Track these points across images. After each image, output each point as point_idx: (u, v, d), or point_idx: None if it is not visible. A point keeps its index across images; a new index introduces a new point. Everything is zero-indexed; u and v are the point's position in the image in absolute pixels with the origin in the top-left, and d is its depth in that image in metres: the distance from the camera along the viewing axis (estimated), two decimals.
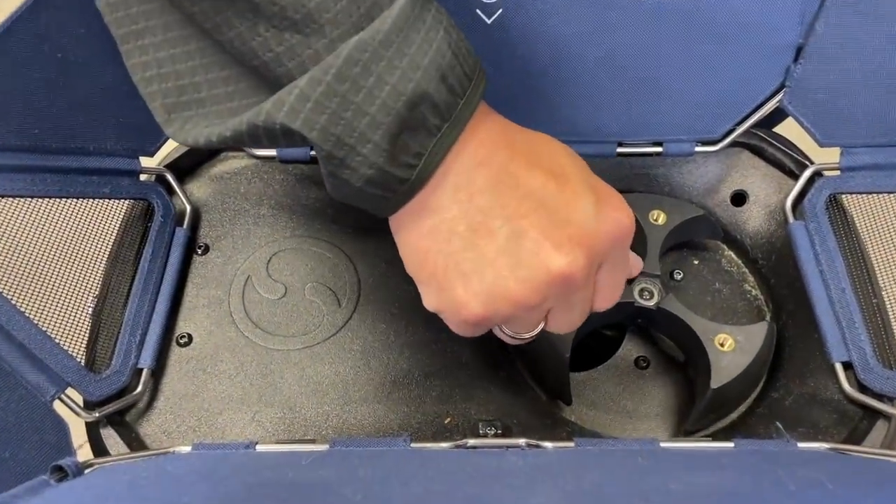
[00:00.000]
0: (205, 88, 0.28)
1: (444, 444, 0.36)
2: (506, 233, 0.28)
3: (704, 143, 0.46)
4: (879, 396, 0.38)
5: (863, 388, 0.38)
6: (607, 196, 0.30)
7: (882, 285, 0.41)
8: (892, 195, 0.43)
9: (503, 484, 0.28)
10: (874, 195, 0.43)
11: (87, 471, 0.34)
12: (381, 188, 0.28)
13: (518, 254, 0.28)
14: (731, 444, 0.34)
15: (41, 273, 0.40)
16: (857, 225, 0.43)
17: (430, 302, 0.31)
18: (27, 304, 0.38)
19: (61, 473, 0.32)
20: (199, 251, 0.45)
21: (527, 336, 0.34)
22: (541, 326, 0.33)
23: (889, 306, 0.40)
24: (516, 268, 0.28)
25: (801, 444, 0.35)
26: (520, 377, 0.43)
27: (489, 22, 0.41)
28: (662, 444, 0.34)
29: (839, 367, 0.39)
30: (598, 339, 0.47)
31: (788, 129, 0.48)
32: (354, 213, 0.30)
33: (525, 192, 0.28)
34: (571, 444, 0.35)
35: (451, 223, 0.29)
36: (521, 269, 0.28)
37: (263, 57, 0.26)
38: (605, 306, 0.33)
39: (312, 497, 0.27)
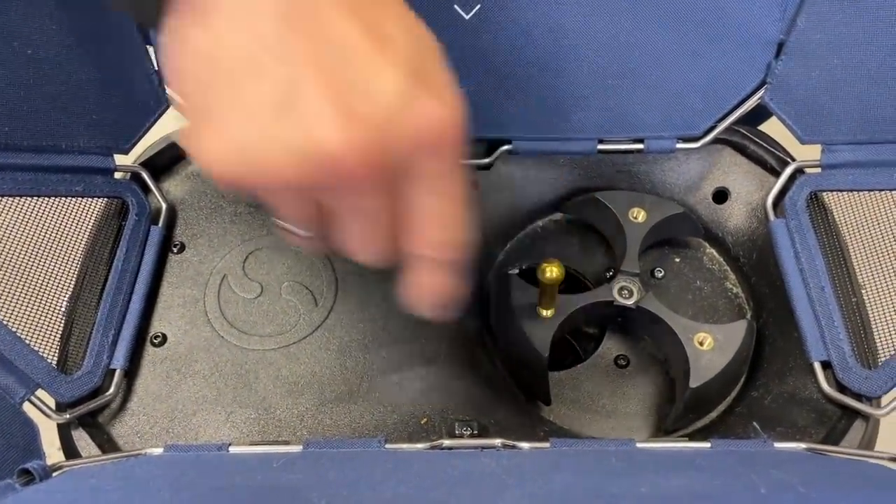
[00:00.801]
0: None
1: (419, 445, 0.35)
2: (280, 78, 0.22)
3: (686, 140, 0.45)
4: (858, 396, 0.37)
5: (841, 388, 0.38)
6: (432, 82, 0.24)
7: (861, 284, 0.40)
8: (872, 193, 0.43)
9: (473, 487, 0.28)
10: (855, 193, 0.43)
11: (55, 474, 0.33)
12: None
13: (286, 110, 0.22)
14: (707, 445, 0.34)
15: (11, 273, 0.39)
16: (838, 223, 0.43)
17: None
18: None
19: (27, 477, 0.32)
20: (175, 250, 0.45)
21: (300, 230, 0.27)
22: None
23: (868, 305, 0.40)
24: (277, 127, 0.22)
25: (779, 444, 0.34)
26: (498, 376, 0.42)
27: (467, 17, 0.40)
28: (638, 445, 0.34)
29: (818, 367, 0.38)
30: (578, 337, 0.47)
31: (771, 126, 0.48)
32: None
33: (326, 38, 0.22)
34: (547, 444, 0.35)
35: (217, 46, 0.22)
36: (282, 130, 0.22)
37: None
38: (427, 245, 0.26)
39: (278, 502, 0.26)
